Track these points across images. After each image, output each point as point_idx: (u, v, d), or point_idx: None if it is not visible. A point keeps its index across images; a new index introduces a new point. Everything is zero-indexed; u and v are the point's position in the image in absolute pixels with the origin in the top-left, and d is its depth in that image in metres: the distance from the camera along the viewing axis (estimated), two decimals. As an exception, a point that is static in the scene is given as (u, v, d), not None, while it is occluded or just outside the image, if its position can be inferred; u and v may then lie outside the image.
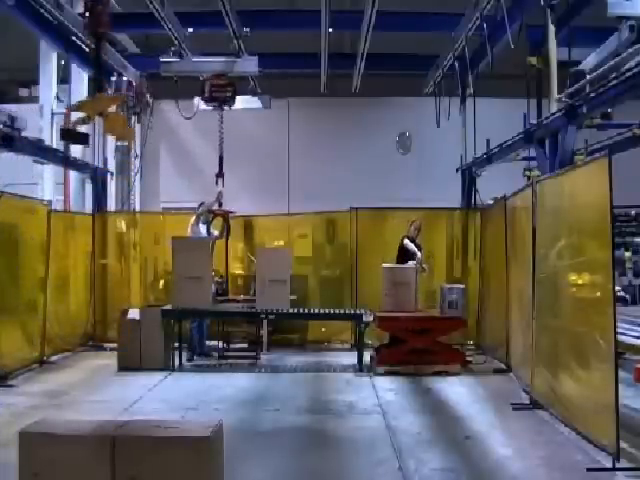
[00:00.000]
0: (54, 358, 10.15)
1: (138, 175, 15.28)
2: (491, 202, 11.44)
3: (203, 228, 10.57)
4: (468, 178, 12.56)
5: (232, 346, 11.24)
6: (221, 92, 10.80)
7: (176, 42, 10.88)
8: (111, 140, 13.82)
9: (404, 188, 15.52)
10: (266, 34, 12.22)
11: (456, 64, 11.87)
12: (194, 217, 10.44)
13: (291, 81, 14.54)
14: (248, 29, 10.81)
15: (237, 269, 12.25)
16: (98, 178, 12.41)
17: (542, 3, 8.21)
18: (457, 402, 7.79)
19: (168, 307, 9.87)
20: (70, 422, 4.44)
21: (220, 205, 10.80)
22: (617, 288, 6.91)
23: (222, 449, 4.15)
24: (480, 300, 10.97)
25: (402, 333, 9.65)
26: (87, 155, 12.65)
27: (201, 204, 10.72)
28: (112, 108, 8.38)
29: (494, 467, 5.51)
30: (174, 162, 15.93)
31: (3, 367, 8.50)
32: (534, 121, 9.10)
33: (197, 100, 12.54)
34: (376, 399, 7.86)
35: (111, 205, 13.39)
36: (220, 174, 10.99)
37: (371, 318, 9.60)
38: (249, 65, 11.25)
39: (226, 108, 10.99)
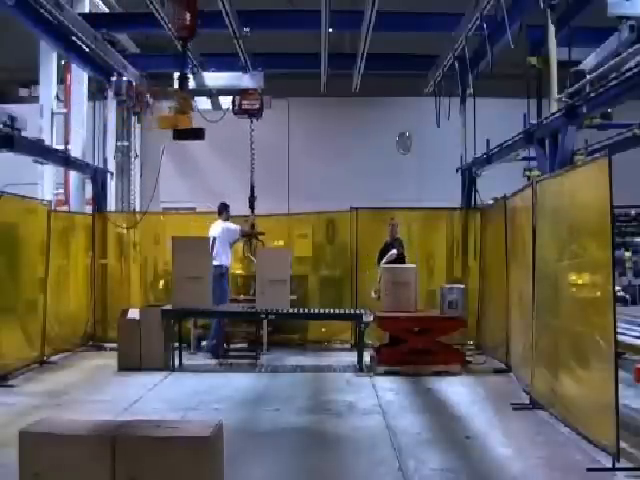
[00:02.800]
0: (54, 358, 10.15)
1: (138, 175, 15.30)
2: (491, 202, 11.44)
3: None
4: (468, 178, 12.55)
5: (232, 346, 11.25)
6: (250, 105, 11.22)
7: (176, 42, 10.86)
8: (111, 140, 13.86)
9: (404, 188, 15.52)
10: (266, 34, 12.22)
11: (456, 64, 11.86)
12: (237, 233, 10.90)
13: (291, 81, 14.54)
14: (248, 29, 10.81)
15: (237, 269, 12.24)
16: (98, 178, 12.40)
17: (541, 6, 8.18)
18: (457, 402, 7.79)
19: (168, 307, 9.87)
20: (70, 422, 4.44)
21: (253, 227, 11.12)
22: (617, 288, 6.90)
23: (222, 449, 4.15)
24: (480, 300, 10.96)
25: (402, 333, 9.66)
26: (87, 155, 12.66)
27: (225, 209, 11.06)
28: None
29: (494, 467, 5.51)
30: (174, 162, 15.93)
31: (3, 367, 8.50)
32: (534, 121, 9.10)
33: (196, 100, 12.58)
34: (376, 399, 7.86)
35: (111, 205, 13.38)
36: (252, 197, 11.31)
37: (371, 318, 9.60)
38: (255, 79, 11.65)
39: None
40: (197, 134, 9.68)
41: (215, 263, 10.48)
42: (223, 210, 11.07)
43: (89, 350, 11.22)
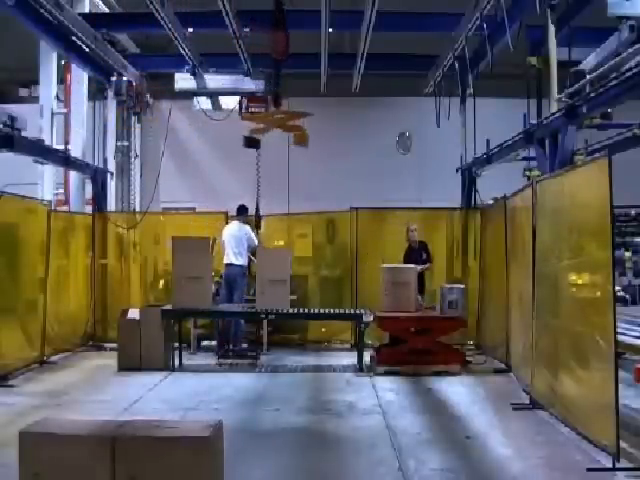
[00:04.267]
0: (54, 358, 10.15)
1: (138, 175, 15.29)
2: (491, 202, 11.44)
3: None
4: (468, 178, 12.55)
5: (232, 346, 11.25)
6: (256, 108, 11.60)
7: (176, 42, 10.89)
8: (111, 140, 13.87)
9: (404, 188, 15.51)
10: (266, 34, 12.20)
11: (456, 64, 11.86)
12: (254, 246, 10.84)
13: (291, 81, 14.52)
14: (248, 29, 10.81)
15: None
16: (98, 178, 12.41)
17: (537, 11, 8.16)
18: (457, 402, 7.79)
19: (168, 307, 9.87)
20: (70, 422, 4.43)
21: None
22: (617, 288, 6.90)
23: (222, 449, 4.15)
24: (480, 300, 10.96)
25: (402, 333, 9.66)
26: (87, 155, 12.66)
27: (244, 211, 11.12)
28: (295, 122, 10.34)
29: (494, 467, 5.51)
30: (174, 162, 15.95)
31: (3, 367, 8.50)
32: (534, 121, 9.10)
33: (196, 100, 12.62)
34: (376, 399, 7.86)
35: (111, 205, 13.38)
36: (258, 217, 11.57)
37: (371, 318, 9.60)
38: (256, 82, 11.99)
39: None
40: (257, 144, 10.98)
41: (238, 262, 10.69)
42: (242, 212, 11.13)
43: (89, 350, 11.22)
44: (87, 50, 11.08)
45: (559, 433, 6.32)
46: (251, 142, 10.84)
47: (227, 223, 11.37)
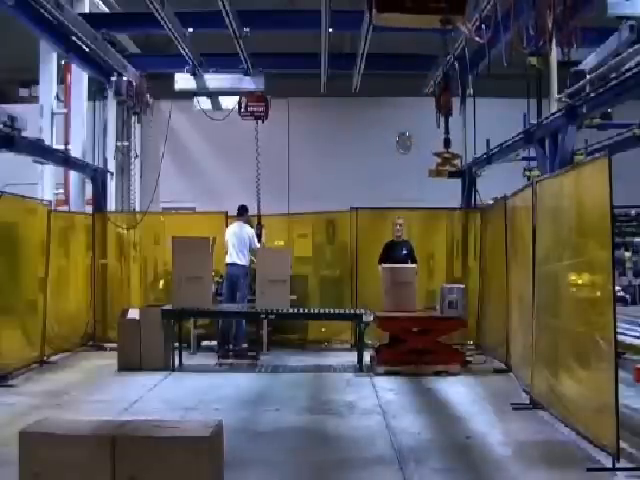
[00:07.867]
0: (54, 358, 10.15)
1: (138, 175, 15.30)
2: (491, 202, 11.44)
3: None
4: (468, 178, 12.55)
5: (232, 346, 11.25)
6: (257, 107, 11.79)
7: (176, 42, 10.90)
8: (111, 140, 13.89)
9: (404, 188, 15.50)
10: (266, 34, 12.23)
11: (456, 64, 11.86)
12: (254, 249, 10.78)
13: (291, 81, 14.54)
14: (248, 29, 10.83)
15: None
16: (98, 178, 12.41)
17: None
18: (457, 402, 7.79)
19: (168, 307, 9.87)
20: (70, 422, 4.45)
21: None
22: (617, 288, 6.91)
23: (222, 449, 4.16)
24: (480, 300, 10.95)
25: (402, 333, 9.66)
26: (87, 155, 12.66)
27: (246, 211, 11.16)
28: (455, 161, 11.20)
29: (494, 467, 5.51)
30: (174, 162, 15.96)
31: (3, 367, 8.50)
32: (534, 121, 9.10)
33: (196, 100, 12.64)
34: (376, 399, 7.86)
35: (111, 205, 13.38)
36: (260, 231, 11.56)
37: (371, 318, 9.60)
38: (256, 81, 12.09)
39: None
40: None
41: (240, 262, 10.69)
42: (244, 212, 11.17)
43: (89, 350, 11.22)
44: (87, 50, 11.07)
45: (559, 433, 6.32)
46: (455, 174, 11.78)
47: (227, 223, 11.38)
